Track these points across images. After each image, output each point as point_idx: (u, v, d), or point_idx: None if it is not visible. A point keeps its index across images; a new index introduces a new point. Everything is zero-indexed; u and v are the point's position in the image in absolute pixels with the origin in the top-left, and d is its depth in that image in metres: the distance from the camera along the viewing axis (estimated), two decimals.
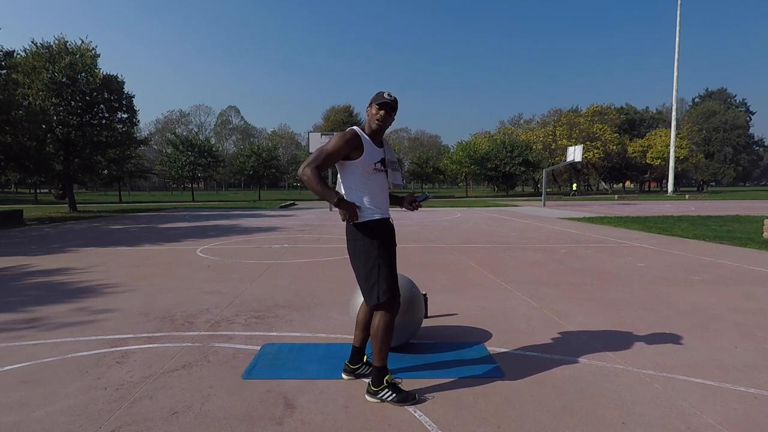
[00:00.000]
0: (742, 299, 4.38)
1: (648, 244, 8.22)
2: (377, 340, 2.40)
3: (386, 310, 2.41)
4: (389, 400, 2.36)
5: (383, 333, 2.39)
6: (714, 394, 2.43)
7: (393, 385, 2.39)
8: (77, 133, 19.76)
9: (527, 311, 4.03)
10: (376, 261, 2.38)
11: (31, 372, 2.76)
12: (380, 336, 2.39)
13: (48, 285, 5.22)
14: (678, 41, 43.93)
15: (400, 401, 2.35)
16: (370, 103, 2.43)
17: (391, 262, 2.44)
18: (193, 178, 41.17)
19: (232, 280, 5.41)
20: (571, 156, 23.87)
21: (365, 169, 2.40)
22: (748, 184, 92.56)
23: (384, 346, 2.40)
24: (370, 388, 2.42)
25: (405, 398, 2.36)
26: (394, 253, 2.49)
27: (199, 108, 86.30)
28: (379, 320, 2.41)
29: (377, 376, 2.41)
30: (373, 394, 2.40)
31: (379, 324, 2.40)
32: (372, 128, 2.43)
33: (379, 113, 2.39)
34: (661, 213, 16.67)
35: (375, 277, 2.38)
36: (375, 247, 2.39)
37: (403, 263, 6.47)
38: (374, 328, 2.42)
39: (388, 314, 2.41)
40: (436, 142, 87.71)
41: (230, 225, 13.17)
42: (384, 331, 2.39)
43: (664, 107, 64.84)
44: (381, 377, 2.40)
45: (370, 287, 2.39)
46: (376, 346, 2.41)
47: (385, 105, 2.37)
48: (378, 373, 2.41)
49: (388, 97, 2.38)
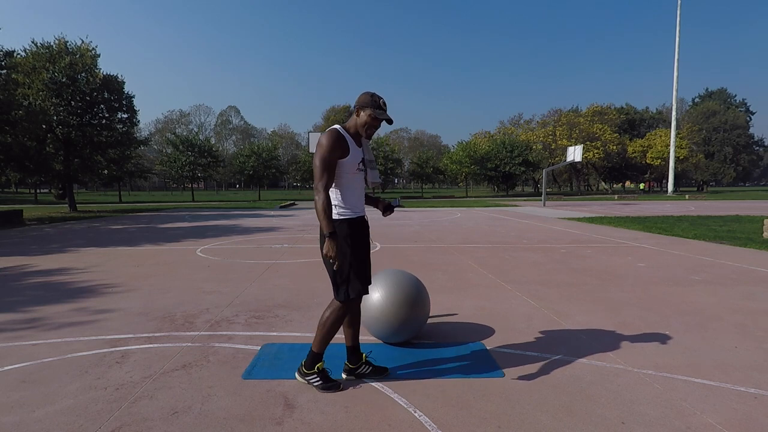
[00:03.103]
0: (742, 299, 4.38)
1: (648, 244, 8.22)
2: (323, 329, 2.50)
3: (345, 307, 2.49)
4: (315, 385, 2.51)
5: (331, 324, 2.50)
6: (714, 394, 2.43)
7: (322, 372, 2.52)
8: (77, 133, 19.75)
9: (527, 311, 4.03)
10: (350, 260, 2.42)
11: (31, 372, 2.76)
12: (327, 326, 2.50)
13: (48, 285, 5.22)
14: (678, 41, 43.95)
15: (324, 389, 2.48)
16: (362, 106, 2.39)
17: (363, 261, 2.50)
18: (193, 178, 41.14)
19: (232, 280, 5.41)
20: (571, 156, 23.89)
21: (349, 169, 2.42)
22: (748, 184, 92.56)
23: (327, 336, 2.52)
24: (302, 369, 2.56)
25: (330, 387, 2.49)
26: (367, 252, 2.55)
27: (199, 108, 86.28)
28: (332, 312, 2.50)
29: (312, 360, 2.53)
30: (303, 375, 2.55)
31: (331, 316, 2.49)
32: (360, 133, 2.45)
33: (374, 122, 2.40)
34: (661, 213, 16.67)
35: (346, 276, 2.43)
36: (349, 246, 2.42)
37: (403, 263, 6.47)
38: (325, 317, 2.51)
39: (342, 311, 2.49)
40: (436, 142, 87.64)
41: (230, 225, 13.17)
42: (332, 324, 2.50)
43: (664, 107, 64.85)
44: (314, 363, 2.52)
45: (339, 283, 2.45)
46: (320, 333, 2.51)
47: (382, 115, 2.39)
48: (314, 357, 2.53)
49: (384, 106, 2.40)
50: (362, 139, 2.51)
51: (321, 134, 2.41)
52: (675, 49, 44.24)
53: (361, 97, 2.41)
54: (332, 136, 2.35)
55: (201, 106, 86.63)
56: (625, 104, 62.16)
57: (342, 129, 2.43)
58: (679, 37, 43.79)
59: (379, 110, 2.39)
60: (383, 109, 2.40)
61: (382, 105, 2.39)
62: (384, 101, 2.41)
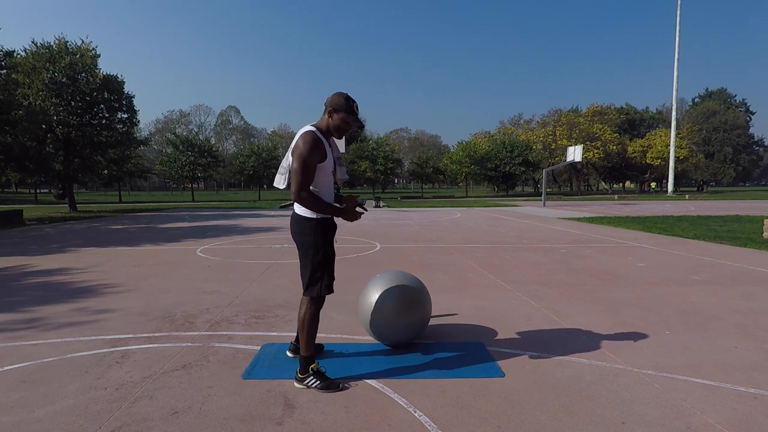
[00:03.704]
0: (742, 299, 4.38)
1: (648, 244, 8.22)
2: (304, 332, 2.57)
3: (316, 302, 2.58)
4: (314, 386, 2.51)
5: (309, 324, 2.56)
6: (714, 394, 2.43)
7: (318, 373, 2.55)
8: (77, 133, 19.75)
9: (527, 311, 4.03)
10: (324, 258, 2.54)
11: (31, 372, 2.76)
12: (307, 327, 2.56)
13: (48, 285, 5.22)
14: (678, 41, 43.96)
15: (323, 388, 2.49)
16: (336, 109, 2.42)
17: (332, 260, 2.62)
18: (193, 178, 41.15)
19: (232, 280, 5.41)
20: (571, 156, 23.88)
21: (326, 172, 2.48)
22: (748, 184, 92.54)
23: (311, 337, 2.57)
24: (298, 376, 2.57)
25: (329, 386, 2.51)
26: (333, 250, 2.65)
27: (199, 108, 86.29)
28: (306, 311, 2.57)
29: (304, 364, 2.56)
30: (300, 381, 2.56)
31: (306, 315, 2.56)
32: (333, 134, 2.50)
33: (347, 126, 2.46)
34: (661, 213, 16.67)
35: (320, 273, 2.54)
36: (322, 244, 2.53)
37: (403, 263, 6.47)
38: (301, 319, 2.58)
39: (314, 306, 2.57)
40: (436, 142, 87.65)
41: (230, 225, 13.17)
42: (310, 323, 2.56)
43: (664, 107, 64.87)
44: (307, 366, 2.55)
45: (314, 280, 2.54)
46: (304, 337, 2.57)
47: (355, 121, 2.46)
48: (305, 362, 2.56)
49: (357, 110, 2.46)
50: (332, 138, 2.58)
51: (298, 137, 2.41)
52: (675, 49, 44.28)
53: (334, 99, 2.42)
54: (312, 140, 2.36)
55: (201, 106, 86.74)
56: (625, 104, 62.24)
57: (317, 131, 2.44)
58: (679, 37, 43.83)
59: (353, 116, 2.44)
60: (356, 114, 2.46)
61: (355, 110, 2.44)
62: (357, 105, 2.46)
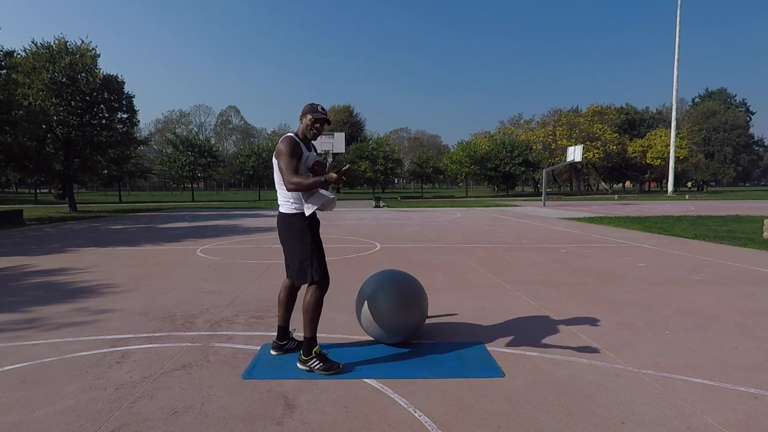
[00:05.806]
0: (742, 299, 4.38)
1: (648, 244, 8.22)
2: (308, 314, 2.72)
3: (318, 287, 2.75)
4: (316, 368, 2.68)
5: (313, 308, 2.72)
6: (714, 394, 2.43)
7: (321, 356, 2.71)
8: (77, 133, 19.76)
9: (527, 311, 4.03)
10: (310, 246, 2.74)
11: (31, 372, 2.76)
12: (310, 310, 2.72)
13: (48, 285, 5.22)
14: (678, 41, 43.95)
15: (325, 370, 2.66)
16: (304, 113, 2.77)
17: (321, 247, 2.80)
18: (193, 178, 41.16)
19: (232, 280, 5.41)
20: (571, 156, 23.89)
21: (303, 170, 2.75)
22: (748, 184, 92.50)
23: (314, 319, 2.73)
24: (301, 357, 2.74)
25: (330, 367, 2.67)
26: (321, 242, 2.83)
27: (199, 108, 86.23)
28: (310, 296, 2.74)
29: (308, 346, 2.72)
30: (303, 362, 2.72)
31: (310, 300, 2.73)
32: (308, 136, 2.80)
33: (315, 125, 2.76)
34: (661, 213, 16.67)
35: (308, 260, 2.73)
36: (307, 234, 2.75)
37: (403, 263, 6.47)
38: (306, 303, 2.74)
39: (319, 291, 2.76)
40: (436, 142, 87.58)
41: (230, 225, 13.18)
42: (314, 307, 2.72)
43: (664, 107, 64.84)
44: (310, 348, 2.72)
45: (304, 269, 2.74)
46: (307, 318, 2.73)
47: (321, 120, 2.76)
48: (308, 343, 2.73)
49: (322, 111, 2.76)
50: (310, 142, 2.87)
51: (279, 142, 2.76)
52: (675, 49, 44.27)
53: (304, 107, 2.80)
54: (290, 142, 2.68)
55: (201, 106, 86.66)
56: (625, 104, 62.18)
57: (295, 136, 2.77)
58: (679, 37, 43.82)
59: (317, 113, 2.75)
60: (321, 112, 2.76)
61: (320, 109, 2.77)
62: (322, 107, 2.80)
